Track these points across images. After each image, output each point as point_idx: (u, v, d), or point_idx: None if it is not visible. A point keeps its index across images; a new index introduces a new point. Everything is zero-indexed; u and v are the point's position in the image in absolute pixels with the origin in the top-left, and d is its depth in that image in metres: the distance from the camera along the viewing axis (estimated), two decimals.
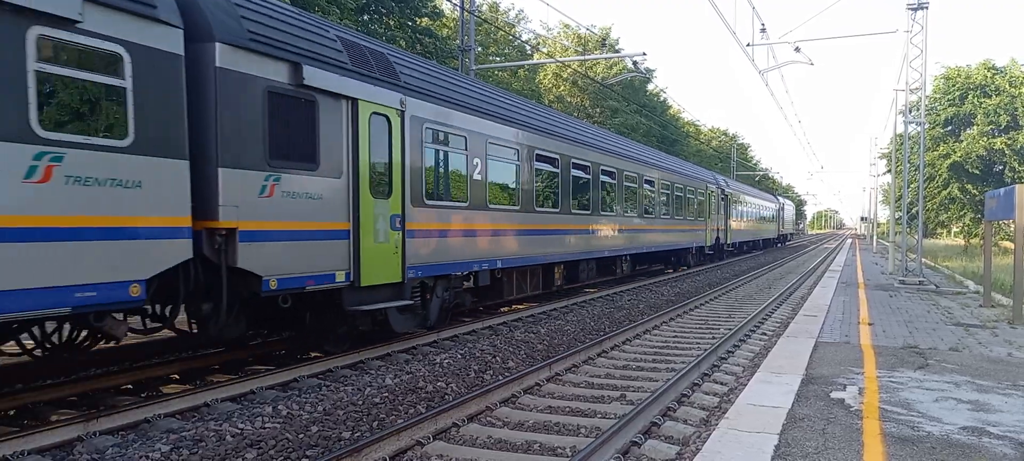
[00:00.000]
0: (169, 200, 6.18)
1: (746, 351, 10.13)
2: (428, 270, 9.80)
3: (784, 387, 6.34)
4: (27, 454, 5.35)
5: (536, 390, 7.83)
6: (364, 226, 8.45)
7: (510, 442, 6.00)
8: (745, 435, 4.91)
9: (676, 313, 13.93)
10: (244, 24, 7.02)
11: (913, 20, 19.57)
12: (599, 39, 39.96)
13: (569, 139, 14.87)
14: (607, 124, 39.95)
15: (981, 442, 4.87)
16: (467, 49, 20.13)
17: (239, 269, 6.85)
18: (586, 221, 15.68)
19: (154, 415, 6.30)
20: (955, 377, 6.95)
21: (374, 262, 8.63)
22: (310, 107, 7.72)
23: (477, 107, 11.33)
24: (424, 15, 24.65)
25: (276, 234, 7.27)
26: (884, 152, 47.52)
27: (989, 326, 10.67)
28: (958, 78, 41.49)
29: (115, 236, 5.77)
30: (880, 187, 56.09)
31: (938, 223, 45.39)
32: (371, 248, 8.57)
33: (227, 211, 6.69)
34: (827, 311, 12.07)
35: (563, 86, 42.13)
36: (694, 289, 19.25)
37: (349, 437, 6.05)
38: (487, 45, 35.10)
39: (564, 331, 11.51)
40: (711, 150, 71.12)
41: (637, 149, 22.15)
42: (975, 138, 39.63)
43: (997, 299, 13.92)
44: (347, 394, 7.18)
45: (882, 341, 9.11)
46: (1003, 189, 12.23)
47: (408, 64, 9.98)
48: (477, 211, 11.18)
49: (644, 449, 5.73)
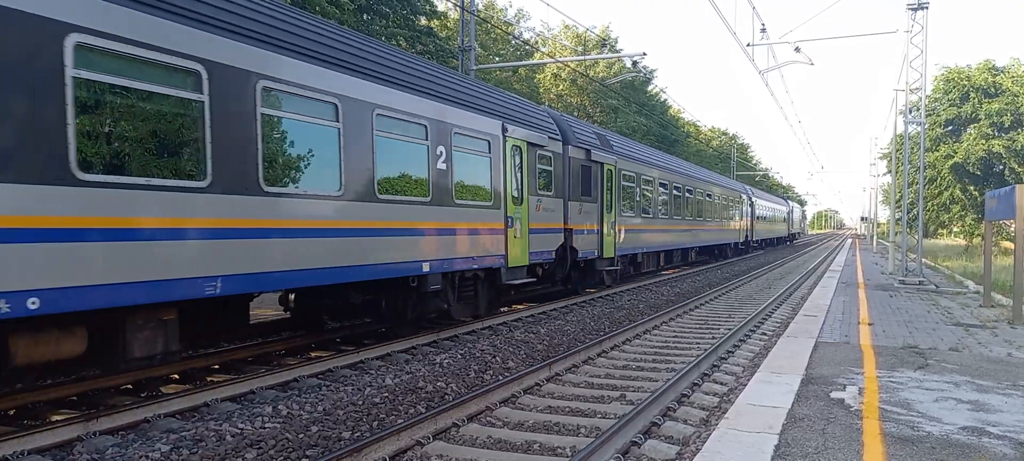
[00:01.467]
0: (560, 216, 13.91)
1: (746, 351, 10.13)
2: (621, 252, 17.59)
3: (784, 387, 6.34)
4: (27, 454, 5.35)
5: (536, 390, 7.83)
6: (604, 227, 16.31)
7: (510, 442, 6.00)
8: (745, 435, 4.91)
9: (676, 313, 13.93)
10: (574, 134, 14.95)
11: (913, 20, 19.57)
12: (599, 39, 39.96)
13: (667, 169, 22.59)
14: (608, 125, 39.94)
15: (981, 442, 4.86)
16: (467, 49, 20.18)
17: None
18: (679, 223, 23.58)
19: (154, 415, 6.31)
20: (955, 377, 6.95)
21: (606, 245, 15.93)
22: (590, 169, 15.70)
23: (645, 160, 20.40)
24: (424, 14, 24.65)
25: (580, 231, 15.04)
26: (884, 152, 47.53)
27: (989, 326, 10.66)
28: (958, 79, 41.47)
29: (552, 232, 13.64)
30: (880, 187, 56.13)
31: (939, 224, 45.39)
32: (605, 239, 15.81)
33: (569, 220, 14.34)
34: (827, 311, 12.06)
35: (562, 86, 42.12)
36: (694, 289, 19.25)
37: (349, 437, 6.05)
38: (487, 46, 35.11)
39: (564, 331, 11.51)
40: (711, 150, 71.11)
41: (697, 170, 30.35)
42: (975, 139, 39.61)
43: (997, 299, 13.92)
44: (347, 394, 7.18)
45: (882, 341, 9.11)
46: (1003, 189, 12.23)
47: (616, 140, 18.75)
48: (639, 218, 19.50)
49: (644, 449, 5.73)
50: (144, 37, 5.92)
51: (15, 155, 5.07)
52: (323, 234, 7.89)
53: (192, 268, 6.32)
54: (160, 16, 6.09)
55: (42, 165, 5.22)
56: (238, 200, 6.78)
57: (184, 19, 6.29)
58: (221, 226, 6.63)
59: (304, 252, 7.58)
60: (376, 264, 8.71)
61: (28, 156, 5.13)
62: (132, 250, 5.81)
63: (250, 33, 6.99)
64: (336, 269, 8.05)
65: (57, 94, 5.32)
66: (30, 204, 5.17)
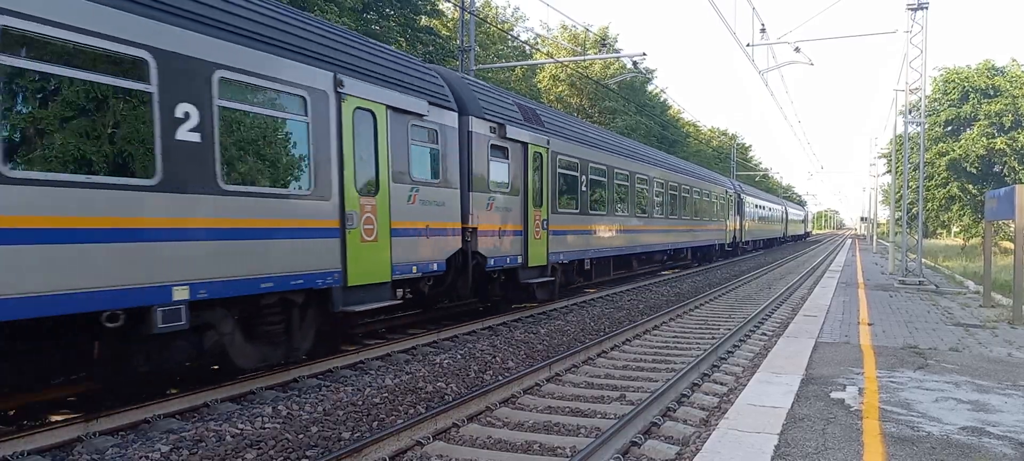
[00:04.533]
0: (456, 211, 10.59)
1: (746, 351, 10.13)
2: (556, 257, 14.15)
3: (784, 387, 6.34)
4: (27, 454, 5.35)
5: (536, 390, 7.82)
6: (530, 226, 12.87)
7: (510, 442, 6.00)
8: (745, 435, 4.91)
9: (676, 313, 13.92)
10: (479, 104, 11.45)
11: (913, 20, 19.56)
12: (598, 39, 39.95)
13: (623, 155, 18.78)
14: (608, 126, 39.95)
15: (981, 442, 4.86)
16: (467, 49, 20.19)
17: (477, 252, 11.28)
18: (645, 222, 20.24)
19: (154, 415, 6.31)
20: (955, 377, 6.95)
21: (533, 251, 12.93)
22: (506, 150, 12.22)
23: (592, 142, 16.49)
24: (423, 13, 24.65)
25: (490, 233, 11.71)
26: (884, 152, 47.55)
27: (989, 326, 10.66)
28: (957, 79, 41.49)
29: (437, 234, 10.14)
30: (880, 187, 56.14)
31: (939, 223, 45.40)
32: (532, 241, 12.92)
33: (471, 218, 11.09)
34: (827, 311, 12.06)
35: (561, 86, 42.12)
36: (694, 289, 19.25)
37: (349, 437, 6.05)
38: (487, 46, 35.10)
39: (564, 331, 11.51)
40: (711, 150, 71.10)
41: (668, 159, 26.63)
42: (975, 138, 39.62)
43: (997, 299, 13.91)
44: (347, 394, 7.18)
45: (882, 341, 9.11)
46: (1003, 189, 12.23)
47: (549, 116, 15.04)
48: (585, 217, 15.59)
49: (644, 449, 5.72)
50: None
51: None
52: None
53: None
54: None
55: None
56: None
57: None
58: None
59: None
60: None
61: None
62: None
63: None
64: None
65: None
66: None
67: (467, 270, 11.16)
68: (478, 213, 11.27)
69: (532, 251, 12.88)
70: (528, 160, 12.78)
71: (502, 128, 11.94)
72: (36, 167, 5.37)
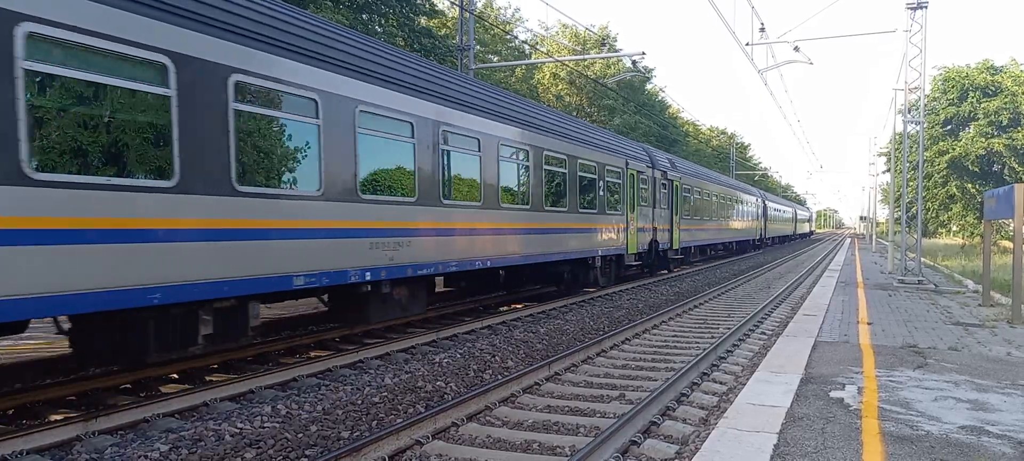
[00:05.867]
0: (652, 220, 20.80)
1: (745, 350, 10.13)
2: (686, 244, 25.00)
3: (783, 386, 6.34)
4: (26, 454, 5.34)
5: (535, 389, 7.82)
6: (674, 226, 22.94)
7: (509, 441, 6.00)
8: (744, 434, 4.91)
9: (675, 313, 13.93)
10: (656, 161, 21.63)
11: (912, 19, 19.57)
12: (598, 38, 39.93)
13: (721, 183, 33.39)
14: (606, 124, 39.93)
15: (980, 441, 4.87)
16: (466, 49, 20.18)
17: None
18: (720, 223, 32.43)
19: (153, 415, 6.30)
20: (954, 376, 6.95)
21: (675, 238, 22.83)
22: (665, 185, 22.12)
23: (705, 177, 30.22)
24: (423, 13, 24.63)
25: (661, 230, 22.24)
26: (883, 151, 47.55)
27: (988, 325, 10.67)
28: (957, 78, 41.49)
29: (646, 232, 20.45)
30: (879, 186, 56.10)
31: (939, 223, 45.40)
32: (676, 234, 22.79)
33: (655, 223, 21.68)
34: (826, 310, 12.07)
35: (561, 85, 42.09)
36: (693, 289, 19.28)
37: (348, 436, 6.05)
38: (486, 43, 35.09)
39: (563, 331, 11.51)
40: (710, 149, 71.11)
41: (732, 182, 41.59)
42: (974, 137, 39.63)
43: (996, 298, 13.92)
44: (346, 394, 7.18)
45: (881, 340, 9.11)
46: (1002, 189, 12.23)
47: (679, 162, 25.82)
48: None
49: (643, 448, 5.72)
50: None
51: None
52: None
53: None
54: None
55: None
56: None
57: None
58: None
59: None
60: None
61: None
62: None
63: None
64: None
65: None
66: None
67: (653, 250, 20.76)
68: (657, 220, 20.85)
69: (675, 239, 23.18)
70: (672, 189, 22.76)
71: (665, 173, 21.95)
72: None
